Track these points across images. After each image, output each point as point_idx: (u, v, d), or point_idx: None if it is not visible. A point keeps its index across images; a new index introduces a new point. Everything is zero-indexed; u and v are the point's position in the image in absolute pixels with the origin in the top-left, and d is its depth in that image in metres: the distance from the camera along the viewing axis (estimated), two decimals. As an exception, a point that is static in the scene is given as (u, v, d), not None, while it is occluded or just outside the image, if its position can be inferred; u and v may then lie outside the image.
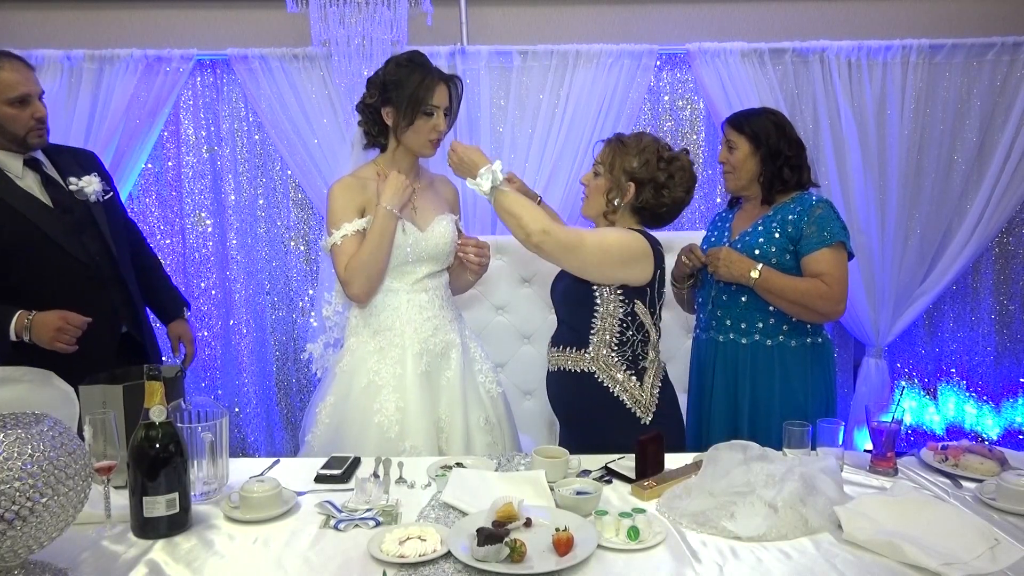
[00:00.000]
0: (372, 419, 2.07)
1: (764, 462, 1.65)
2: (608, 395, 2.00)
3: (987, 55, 3.21)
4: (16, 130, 2.20)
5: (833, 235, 2.18)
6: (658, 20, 3.32)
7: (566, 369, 2.06)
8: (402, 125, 2.12)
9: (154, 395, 1.50)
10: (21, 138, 2.21)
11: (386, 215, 2.07)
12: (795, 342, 2.25)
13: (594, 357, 2.01)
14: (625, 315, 2.00)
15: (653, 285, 2.02)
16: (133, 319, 2.42)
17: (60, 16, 3.24)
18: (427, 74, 2.11)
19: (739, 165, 2.29)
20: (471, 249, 2.17)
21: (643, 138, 2.05)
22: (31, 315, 2.17)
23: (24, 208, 2.22)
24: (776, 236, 2.22)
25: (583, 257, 1.94)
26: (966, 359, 3.50)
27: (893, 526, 1.47)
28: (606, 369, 2.00)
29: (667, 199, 2.03)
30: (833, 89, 3.21)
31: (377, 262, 2.08)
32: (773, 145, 2.26)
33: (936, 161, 3.25)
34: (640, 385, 2.01)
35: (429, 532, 1.45)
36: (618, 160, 2.03)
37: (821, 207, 2.22)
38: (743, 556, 1.43)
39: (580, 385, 2.03)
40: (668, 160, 2.03)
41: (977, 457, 1.83)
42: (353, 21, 2.51)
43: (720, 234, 2.41)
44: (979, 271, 3.45)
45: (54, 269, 2.25)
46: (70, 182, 2.30)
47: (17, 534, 1.23)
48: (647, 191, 2.02)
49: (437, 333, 2.17)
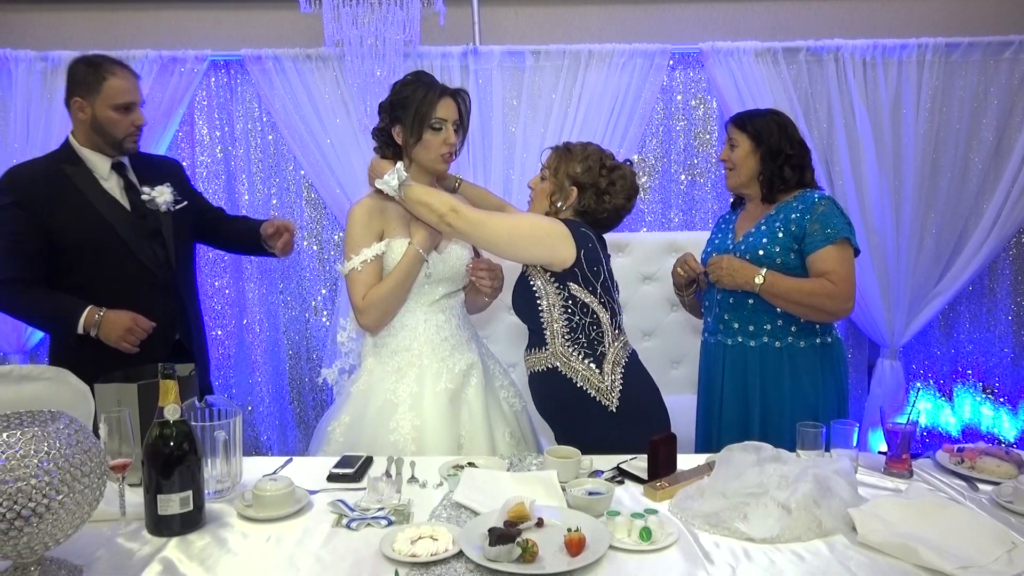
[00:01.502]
0: (388, 438, 2.06)
1: (778, 463, 1.64)
2: (573, 387, 2.04)
3: (1004, 53, 3.18)
4: (116, 134, 2.29)
5: (837, 231, 2.16)
6: (671, 19, 3.31)
7: (536, 370, 2.11)
8: (411, 142, 2.13)
9: (168, 394, 1.51)
10: (119, 141, 2.31)
11: (415, 257, 2.09)
12: (804, 343, 2.23)
13: (553, 351, 2.06)
14: (565, 300, 2.04)
15: (581, 265, 2.03)
16: (186, 328, 2.48)
17: (76, 17, 3.27)
18: (430, 89, 2.12)
19: (739, 162, 2.29)
20: (483, 273, 2.18)
21: (588, 147, 2.14)
22: (101, 312, 2.23)
23: (104, 209, 2.30)
24: (780, 235, 2.21)
25: (493, 231, 2.01)
26: (982, 360, 3.47)
27: (908, 529, 1.46)
28: (565, 361, 2.05)
29: (608, 205, 2.10)
30: (848, 88, 3.18)
31: (396, 299, 2.12)
32: (774, 144, 2.25)
33: (952, 160, 3.23)
34: (600, 372, 2.04)
35: (441, 532, 1.45)
36: (563, 165, 2.12)
37: (824, 204, 2.20)
38: (756, 558, 1.42)
39: (549, 383, 2.08)
40: (611, 168, 2.11)
41: (994, 459, 1.82)
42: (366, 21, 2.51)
43: (724, 236, 2.40)
44: (996, 271, 3.42)
45: (121, 271, 2.31)
46: (143, 191, 2.37)
47: (33, 531, 1.24)
48: (588, 196, 2.09)
49: (455, 352, 2.18)
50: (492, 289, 2.20)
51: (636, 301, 3.13)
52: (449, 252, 2.18)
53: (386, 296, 2.09)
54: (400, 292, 2.11)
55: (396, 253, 2.11)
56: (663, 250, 3.15)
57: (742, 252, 2.25)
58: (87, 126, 2.30)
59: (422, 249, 2.09)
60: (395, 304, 2.13)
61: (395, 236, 2.13)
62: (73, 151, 2.33)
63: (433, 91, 2.11)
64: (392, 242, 2.12)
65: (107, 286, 2.29)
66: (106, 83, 2.26)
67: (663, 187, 3.41)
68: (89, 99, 2.27)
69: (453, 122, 2.14)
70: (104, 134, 2.29)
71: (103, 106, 2.27)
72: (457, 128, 2.16)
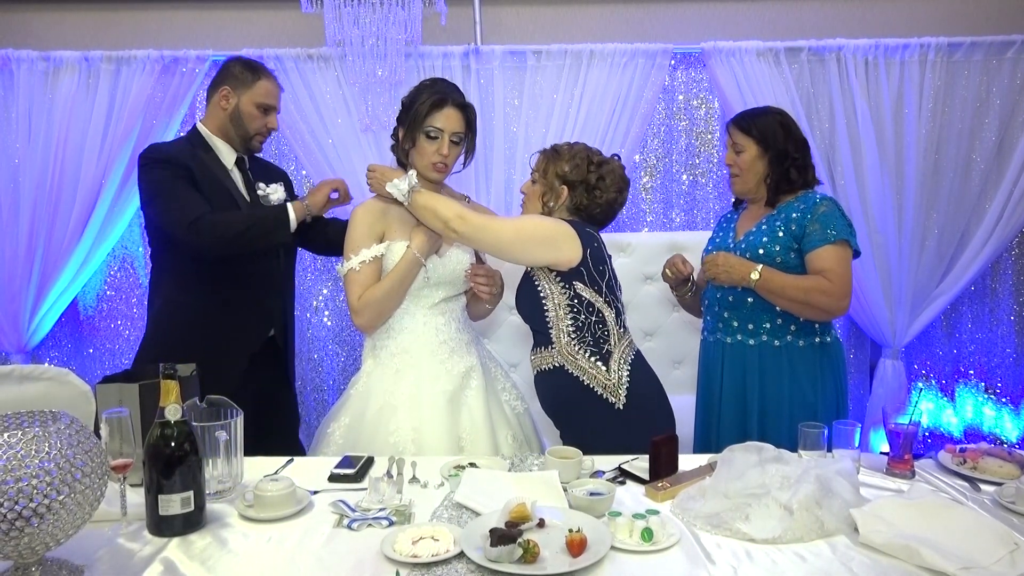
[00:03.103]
0: (387, 439, 2.07)
1: (779, 464, 1.63)
2: (580, 385, 2.04)
3: (1007, 53, 3.17)
4: (249, 129, 2.42)
5: (837, 233, 2.16)
6: (673, 19, 3.31)
7: (542, 369, 2.12)
8: (407, 146, 2.14)
9: (169, 394, 1.51)
10: (249, 137, 2.44)
11: (412, 262, 2.11)
12: (803, 342, 2.23)
13: (559, 350, 2.07)
14: (571, 299, 2.05)
15: (587, 264, 2.05)
16: (282, 326, 2.54)
17: (77, 17, 3.27)
18: (435, 95, 2.12)
19: (747, 168, 2.28)
20: (480, 279, 2.18)
21: (575, 146, 2.17)
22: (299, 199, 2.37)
23: (234, 195, 2.41)
24: (780, 235, 2.21)
25: (498, 235, 2.03)
26: (984, 361, 3.46)
27: (910, 529, 1.46)
28: (572, 359, 2.05)
29: (600, 199, 2.12)
30: (850, 88, 3.18)
31: (391, 301, 2.14)
32: (780, 147, 2.24)
33: (954, 161, 3.22)
34: (607, 369, 2.04)
35: (442, 532, 1.45)
36: (551, 166, 2.14)
37: (825, 205, 2.20)
38: (758, 559, 1.42)
39: (556, 381, 2.08)
40: (598, 164, 2.13)
41: (996, 460, 1.81)
42: (367, 21, 2.52)
43: (725, 235, 2.40)
44: (998, 271, 3.41)
45: (239, 260, 2.37)
46: (259, 186, 2.48)
47: (34, 531, 1.24)
48: (579, 192, 2.11)
49: (454, 355, 2.18)
50: (490, 294, 2.20)
51: (637, 301, 3.13)
52: (449, 256, 2.18)
53: (381, 298, 2.10)
54: (396, 295, 2.12)
55: (396, 255, 2.12)
56: (664, 250, 3.14)
57: (742, 251, 2.25)
58: (225, 116, 2.41)
59: (420, 254, 2.09)
60: (390, 306, 2.14)
61: (396, 239, 2.14)
62: (203, 138, 2.44)
63: (437, 98, 2.11)
64: (392, 245, 2.13)
65: (226, 270, 2.36)
66: (259, 82, 2.41)
67: (664, 187, 3.41)
68: (237, 91, 2.40)
69: (452, 134, 2.14)
70: (239, 126, 2.41)
71: (248, 101, 2.40)
72: (458, 141, 2.16)
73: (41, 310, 3.18)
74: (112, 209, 3.16)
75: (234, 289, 2.38)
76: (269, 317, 2.48)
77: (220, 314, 2.37)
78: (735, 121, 2.33)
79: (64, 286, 3.19)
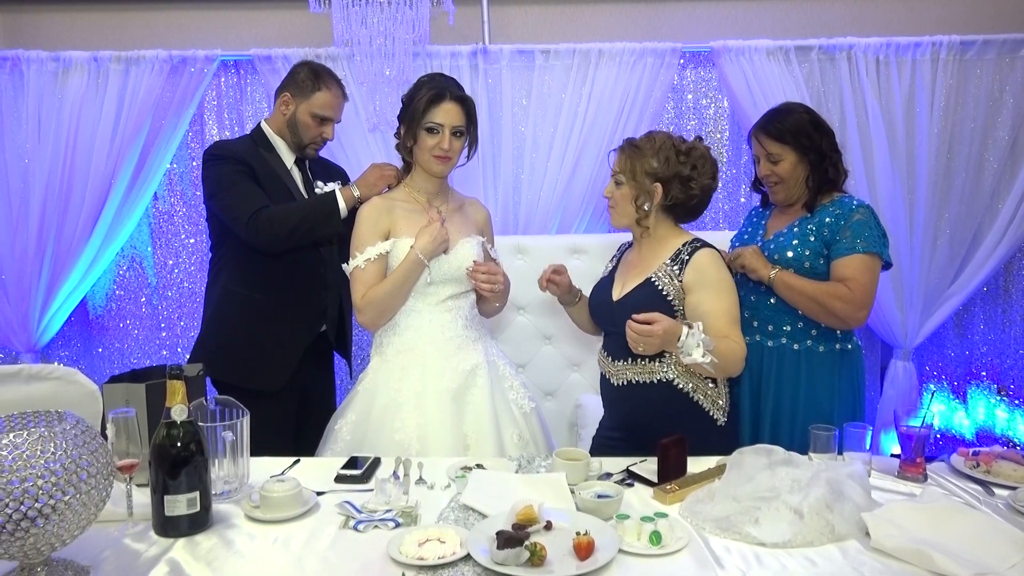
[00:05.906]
0: (393, 437, 2.07)
1: (789, 467, 1.62)
2: (688, 400, 1.97)
3: (1020, 51, 3.14)
4: (304, 137, 2.47)
5: (868, 244, 2.10)
6: (682, 18, 3.29)
7: (639, 381, 1.99)
8: (409, 143, 2.14)
9: (176, 394, 1.50)
10: (303, 145, 2.49)
11: (415, 262, 2.09)
12: (823, 347, 2.19)
13: (675, 362, 1.95)
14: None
15: None
16: (335, 323, 2.58)
17: (87, 18, 3.28)
18: (433, 89, 2.12)
19: (788, 176, 2.19)
20: (480, 276, 2.14)
21: (655, 137, 2.02)
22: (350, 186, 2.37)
23: (294, 192, 2.48)
24: (811, 239, 2.15)
25: None
26: (997, 362, 3.43)
27: (922, 534, 1.44)
28: (685, 374, 1.97)
29: (696, 190, 2.01)
30: (861, 87, 3.15)
31: (393, 301, 2.14)
32: (818, 147, 2.17)
33: (966, 160, 3.19)
34: (715, 385, 1.99)
35: (448, 534, 1.44)
36: (637, 165, 2.00)
37: (860, 212, 2.13)
38: (767, 563, 1.40)
39: (659, 396, 1.98)
40: (686, 152, 2.00)
41: (1010, 463, 1.79)
42: (375, 21, 2.51)
43: (755, 231, 2.35)
44: (1011, 272, 3.38)
45: (295, 258, 2.43)
46: (317, 185, 2.52)
47: (40, 531, 1.24)
48: (674, 187, 1.99)
49: (459, 352, 2.17)
50: (491, 292, 2.17)
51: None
52: (455, 252, 2.17)
53: (384, 297, 2.11)
54: (397, 295, 2.12)
55: (401, 253, 2.12)
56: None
57: (771, 252, 2.20)
58: (284, 120, 2.48)
59: (423, 254, 2.08)
60: (392, 305, 2.14)
61: (402, 236, 2.13)
62: (266, 137, 2.50)
63: (435, 92, 2.11)
64: (398, 242, 2.13)
65: (284, 267, 2.41)
66: (318, 93, 2.44)
67: (673, 187, 3.39)
68: (296, 99, 2.45)
69: (453, 128, 2.13)
70: (295, 133, 2.47)
71: (305, 110, 2.44)
72: (460, 134, 2.15)
73: (51, 309, 3.19)
74: (121, 209, 3.17)
75: (287, 283, 2.43)
76: (321, 313, 2.52)
77: (275, 307, 2.43)
78: (764, 130, 2.21)
79: (73, 286, 3.20)
